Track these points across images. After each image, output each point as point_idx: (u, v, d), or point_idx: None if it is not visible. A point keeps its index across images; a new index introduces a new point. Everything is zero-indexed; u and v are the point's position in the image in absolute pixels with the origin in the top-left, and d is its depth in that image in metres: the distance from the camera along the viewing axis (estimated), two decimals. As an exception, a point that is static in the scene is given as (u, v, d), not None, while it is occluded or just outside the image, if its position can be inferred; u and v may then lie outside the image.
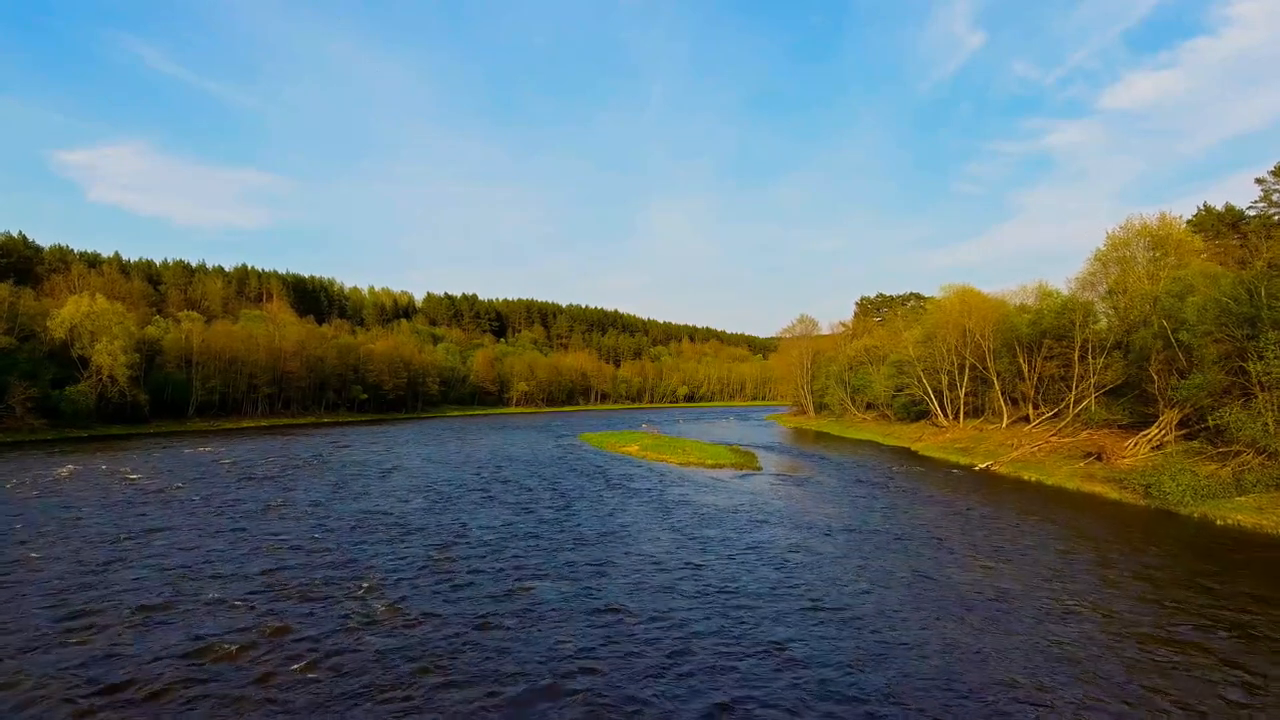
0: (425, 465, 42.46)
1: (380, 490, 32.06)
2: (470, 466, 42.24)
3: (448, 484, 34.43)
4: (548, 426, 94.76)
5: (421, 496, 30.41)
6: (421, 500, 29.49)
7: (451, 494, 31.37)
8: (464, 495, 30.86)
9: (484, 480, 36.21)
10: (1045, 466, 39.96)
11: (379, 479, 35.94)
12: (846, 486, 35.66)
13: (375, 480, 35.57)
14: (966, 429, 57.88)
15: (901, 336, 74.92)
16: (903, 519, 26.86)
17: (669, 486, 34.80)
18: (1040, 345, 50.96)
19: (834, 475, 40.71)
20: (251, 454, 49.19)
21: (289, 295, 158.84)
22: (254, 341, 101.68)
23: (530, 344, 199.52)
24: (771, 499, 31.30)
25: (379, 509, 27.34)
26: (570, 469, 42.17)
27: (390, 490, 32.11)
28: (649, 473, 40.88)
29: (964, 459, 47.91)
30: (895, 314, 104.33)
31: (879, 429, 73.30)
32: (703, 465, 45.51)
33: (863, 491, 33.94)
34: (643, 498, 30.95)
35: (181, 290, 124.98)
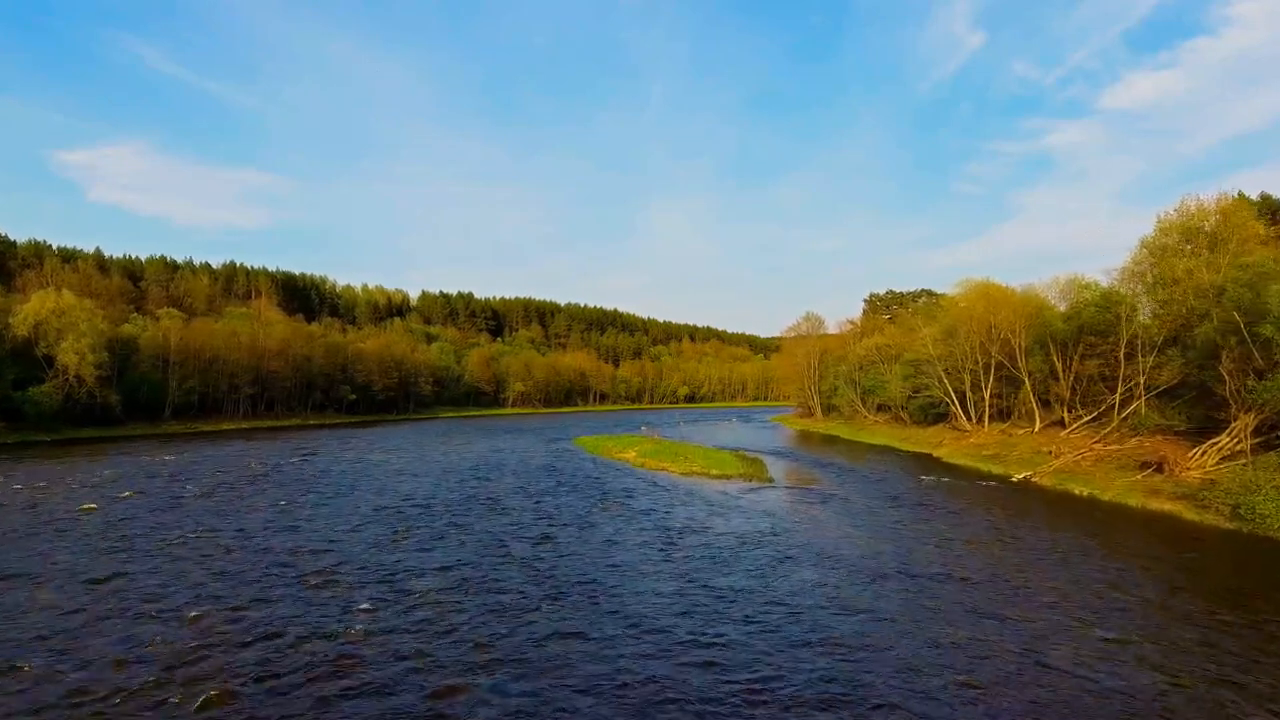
0: (395, 478, 37.73)
1: (327, 514, 26.96)
2: (448, 480, 37.58)
3: (412, 505, 29.39)
4: (543, 429, 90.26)
5: (375, 524, 25.06)
6: (371, 531, 24.24)
7: (412, 520, 26.21)
8: (427, 522, 25.77)
9: (458, 499, 31.25)
10: (1095, 478, 35.41)
11: (333, 498, 31.14)
12: (876, 505, 31.02)
13: (328, 499, 30.49)
14: (992, 433, 53.32)
15: (918, 334, 70.36)
16: (960, 554, 21.91)
17: (671, 505, 30.15)
18: (1078, 342, 46.44)
19: (857, 489, 36.14)
20: (206, 463, 44.64)
21: (278, 293, 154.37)
22: (235, 340, 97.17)
23: (528, 343, 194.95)
24: (792, 523, 26.58)
25: (309, 544, 22.11)
26: (560, 481, 37.55)
27: (339, 514, 27.14)
28: (648, 485, 36.32)
29: (996, 467, 43.34)
30: (907, 311, 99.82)
31: (894, 432, 68.75)
32: (707, 475, 40.98)
33: (897, 512, 29.24)
34: (640, 523, 26.17)
35: (163, 287, 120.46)
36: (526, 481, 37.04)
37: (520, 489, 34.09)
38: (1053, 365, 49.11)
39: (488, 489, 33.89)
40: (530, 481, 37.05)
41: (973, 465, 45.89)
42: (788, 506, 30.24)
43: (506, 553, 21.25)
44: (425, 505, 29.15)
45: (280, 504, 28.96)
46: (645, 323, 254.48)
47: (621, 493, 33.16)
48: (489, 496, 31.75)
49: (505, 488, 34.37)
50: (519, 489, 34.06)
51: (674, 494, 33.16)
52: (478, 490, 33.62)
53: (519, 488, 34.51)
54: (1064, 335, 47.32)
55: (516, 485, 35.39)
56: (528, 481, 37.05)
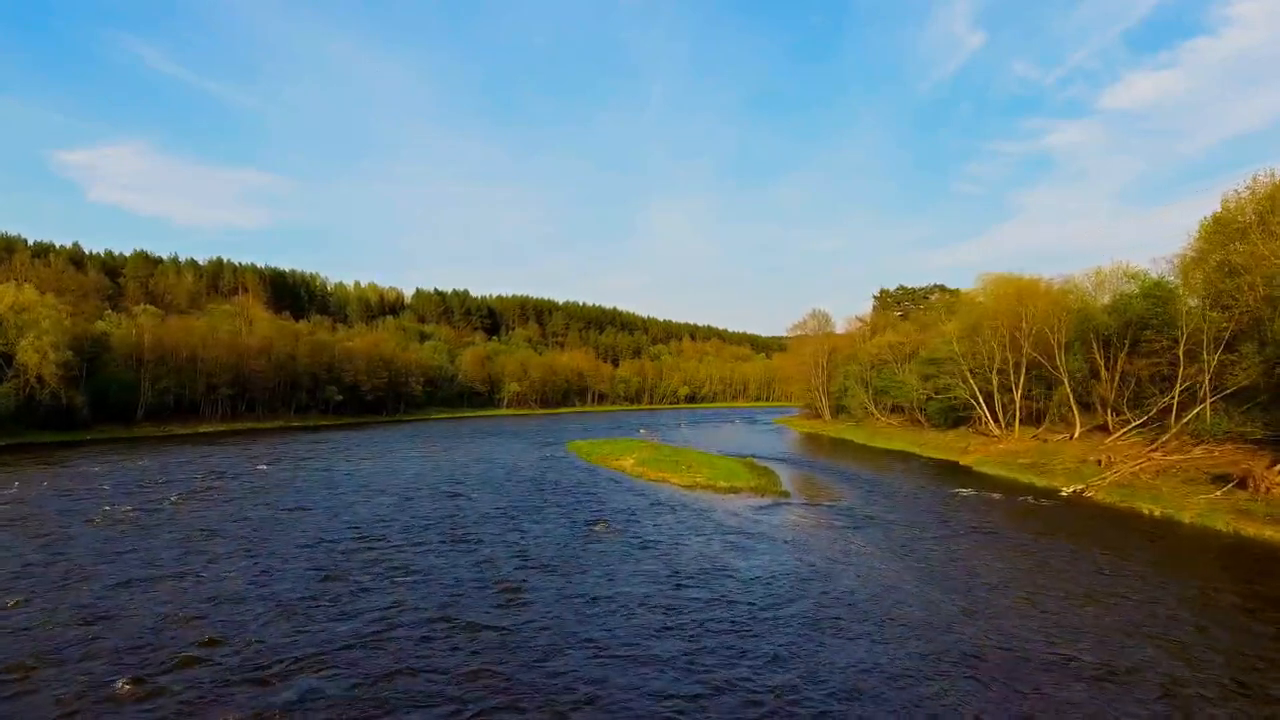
0: (354, 496, 32.67)
1: (246, 552, 21.68)
2: (416, 497, 32.66)
3: (357, 537, 23.88)
4: (537, 431, 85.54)
5: (297, 570, 19.81)
6: (287, 583, 18.43)
7: (349, 561, 20.65)
8: (366, 565, 20.31)
9: (419, 525, 25.88)
10: (1164, 494, 30.68)
11: (268, 525, 26.18)
12: (920, 531, 26.17)
13: (259, 528, 25.40)
14: (1025, 439, 48.59)
15: (937, 331, 65.70)
16: (1059, 615, 16.48)
17: (675, 533, 25.17)
18: (1124, 338, 41.75)
19: (889, 507, 31.40)
20: (151, 473, 39.91)
21: (267, 290, 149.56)
22: (214, 338, 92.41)
23: (524, 342, 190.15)
24: (826, 560, 21.49)
25: (192, 605, 16.66)
26: (548, 497, 32.71)
27: (262, 552, 21.95)
28: (648, 504, 31.54)
29: (1038, 479, 38.62)
30: (920, 307, 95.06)
31: (911, 436, 64.02)
32: (714, 488, 36.25)
33: (950, 543, 24.23)
34: (636, 562, 21.01)
35: (142, 283, 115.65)
36: (507, 499, 32.13)
37: (498, 510, 29.11)
38: (1094, 364, 44.44)
39: (458, 510, 28.93)
40: (511, 499, 32.17)
41: (1010, 476, 41.14)
42: (814, 533, 25.35)
43: (454, 620, 15.70)
44: (375, 537, 23.91)
45: (196, 535, 23.66)
46: (645, 321, 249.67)
47: (617, 514, 28.36)
48: (457, 522, 26.66)
49: (480, 509, 29.37)
50: (496, 510, 29.08)
51: (677, 515, 28.37)
52: (445, 513, 28.54)
53: (496, 508, 29.52)
54: (1108, 330, 42.64)
55: (494, 505, 30.39)
56: (508, 499, 32.14)
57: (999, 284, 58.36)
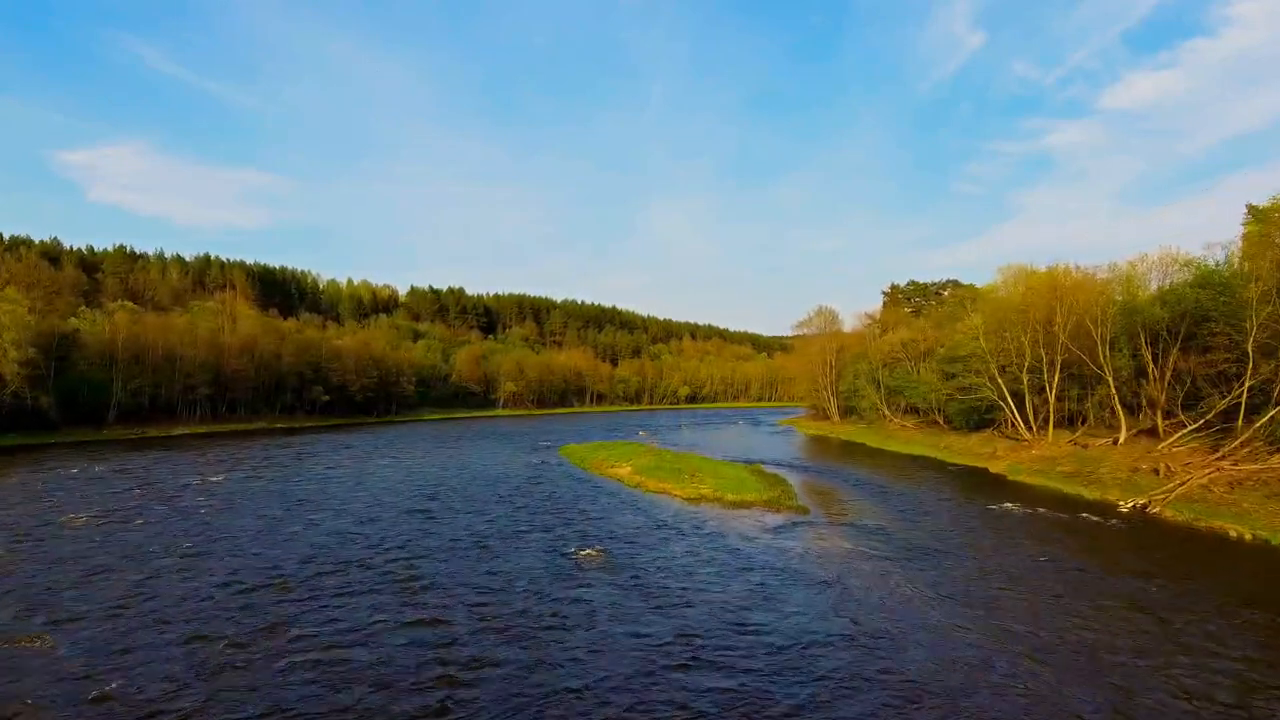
0: (306, 514, 27.83)
1: (135, 589, 17.54)
2: (380, 516, 27.95)
3: (286, 574, 19.35)
4: (531, 433, 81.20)
5: (186, 623, 15.51)
6: (160, 664, 13.48)
7: (251, 618, 15.95)
8: (279, 623, 15.65)
9: (368, 558, 21.10)
10: (1248, 511, 26.38)
11: (174, 557, 21.60)
12: (972, 560, 21.77)
13: (163, 558, 20.88)
14: (1060, 444, 44.25)
15: (955, 327, 61.41)
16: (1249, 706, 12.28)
17: (681, 568, 20.69)
18: (1177, 332, 37.43)
19: (924, 526, 27.07)
20: (73, 482, 35.56)
21: (255, 287, 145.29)
22: (192, 335, 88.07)
23: (521, 341, 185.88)
24: (871, 609, 16.97)
25: (33, 685, 12.41)
26: (531, 516, 28.18)
27: (160, 587, 17.81)
28: (647, 523, 27.18)
29: (1087, 491, 34.30)
30: (932, 303, 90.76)
31: (929, 440, 59.70)
32: (721, 502, 31.92)
33: (1015, 580, 19.76)
34: (631, 616, 16.40)
35: (121, 279, 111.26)
36: (483, 519, 27.61)
37: (468, 535, 24.50)
38: (1140, 361, 40.14)
39: (420, 536, 24.32)
40: (488, 518, 27.67)
41: (1052, 487, 36.79)
42: (849, 568, 20.73)
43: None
44: (307, 580, 18.90)
45: (62, 580, 18.90)
46: (645, 320, 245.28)
47: (610, 539, 23.92)
48: (413, 554, 21.84)
49: (447, 533, 24.81)
50: (466, 536, 24.45)
51: (682, 539, 23.96)
52: (403, 539, 23.81)
53: (468, 532, 24.95)
54: (1158, 323, 38.31)
55: (466, 527, 25.81)
56: (485, 519, 27.62)
57: (1027, 276, 54.07)
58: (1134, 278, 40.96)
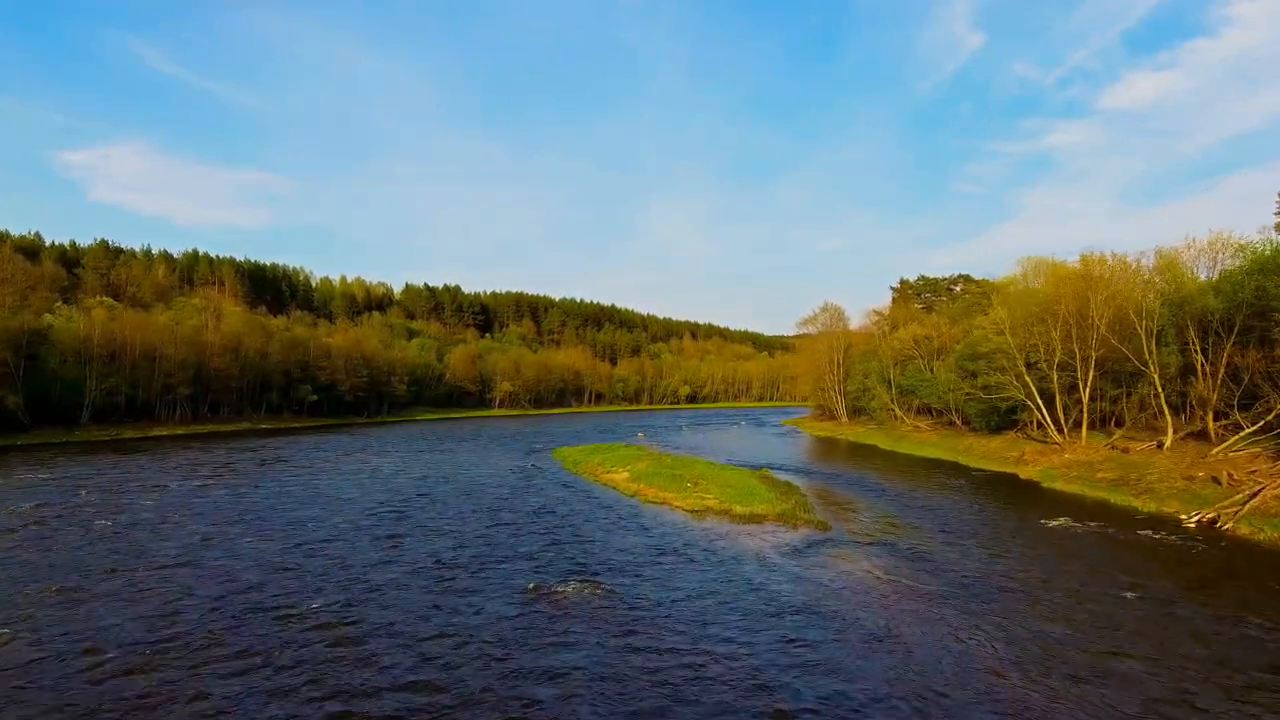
0: (248, 533, 23.80)
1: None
2: (336, 536, 23.69)
3: (184, 627, 14.89)
4: (525, 434, 77.58)
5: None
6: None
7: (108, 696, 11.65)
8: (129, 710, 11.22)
9: (300, 601, 16.59)
10: (1344, 530, 22.73)
11: (56, 595, 17.56)
12: (1045, 595, 17.94)
13: (36, 604, 16.54)
14: (1096, 448, 40.58)
15: (971, 322, 57.76)
16: None
17: (688, 615, 16.71)
18: (1232, 325, 33.79)
19: (968, 547, 23.40)
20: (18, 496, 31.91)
21: (244, 284, 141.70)
22: (171, 332, 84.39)
23: (518, 340, 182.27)
24: (946, 682, 12.80)
25: None
26: (511, 538, 24.10)
27: (8, 648, 14.14)
28: (644, 544, 23.48)
29: (1137, 500, 30.64)
30: (943, 299, 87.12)
31: (947, 442, 56.05)
32: (729, 515, 28.25)
33: (1108, 631, 15.74)
34: (625, 698, 11.92)
35: (102, 275, 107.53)
36: (455, 539, 23.59)
37: (433, 565, 20.19)
38: (1189, 357, 36.49)
39: (375, 567, 19.76)
40: (461, 539, 23.63)
41: (1095, 496, 33.12)
42: (894, 610, 16.67)
43: None
44: (198, 643, 14.00)
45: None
46: (644, 319, 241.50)
47: (602, 569, 19.99)
48: (359, 597, 16.97)
49: (407, 560, 20.58)
50: (430, 566, 20.11)
51: (689, 568, 20.11)
52: (353, 575, 19.00)
53: (432, 560, 20.69)
54: (1210, 315, 34.67)
55: (430, 552, 21.55)
56: (457, 539, 23.60)
57: (1052, 267, 50.43)
58: (1179, 265, 37.26)
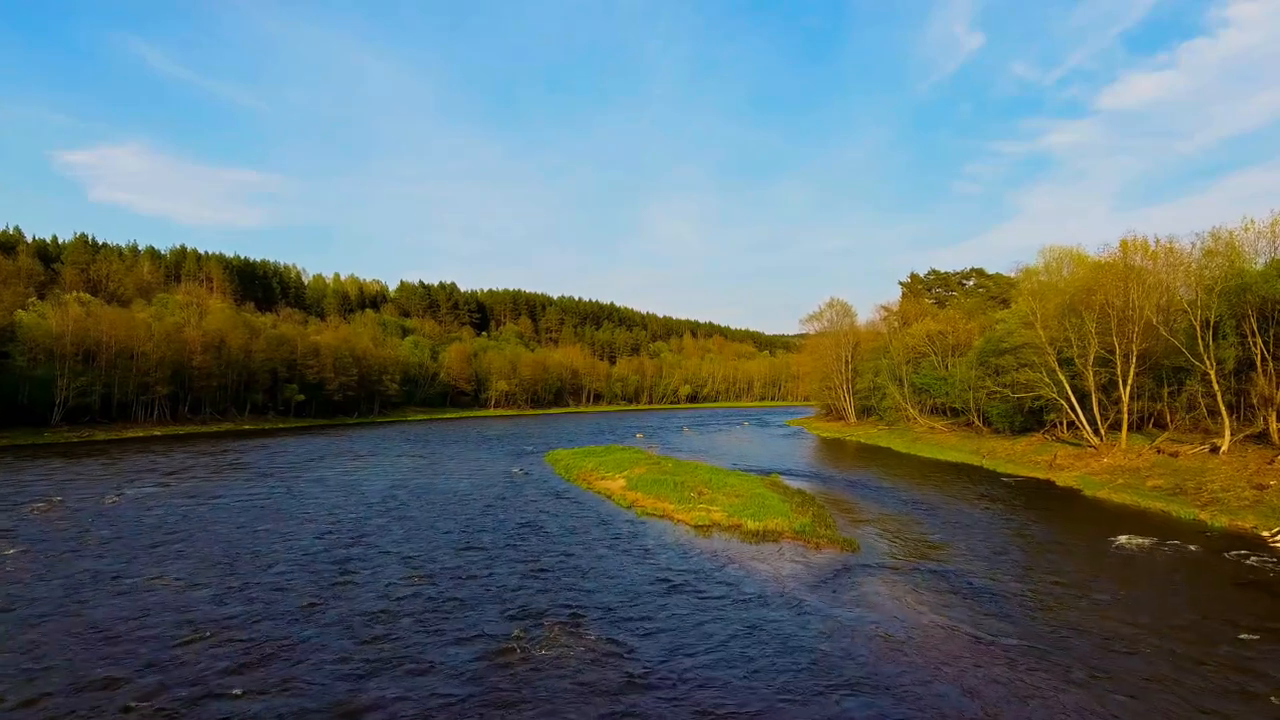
0: (164, 557, 20.55)
1: None
2: (269, 567, 19.35)
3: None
4: (518, 435, 73.91)
5: None
6: None
7: None
8: None
9: (189, 670, 12.45)
10: None
11: None
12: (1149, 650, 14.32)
13: None
14: (1140, 451, 36.88)
15: (997, 316, 54.16)
16: None
17: (702, 671, 13.01)
18: (1301, 315, 30.13)
19: (1025, 574, 19.75)
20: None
21: (233, 281, 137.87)
22: (148, 330, 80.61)
23: (515, 338, 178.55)
24: None
25: None
26: (483, 569, 20.03)
27: None
28: (640, 568, 19.78)
29: (1205, 514, 26.94)
30: (957, 293, 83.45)
31: (966, 444, 52.36)
32: (740, 531, 24.58)
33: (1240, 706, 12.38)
34: None
35: (82, 270, 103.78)
36: (415, 574, 19.21)
37: (379, 610, 15.90)
38: (1248, 350, 32.80)
39: (305, 614, 15.67)
40: (425, 568, 19.70)
41: (1151, 507, 29.41)
42: (965, 670, 12.94)
43: None
44: None
45: None
46: (644, 317, 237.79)
47: (590, 610, 16.14)
48: (267, 656, 13.25)
49: (348, 608, 16.03)
50: (374, 611, 15.86)
51: (698, 606, 16.33)
52: (267, 630, 14.64)
53: (382, 602, 16.42)
54: (1269, 303, 31.01)
55: (382, 592, 17.18)
56: (418, 573, 19.25)
57: (1074, 258, 46.79)
58: (1236, 248, 33.59)
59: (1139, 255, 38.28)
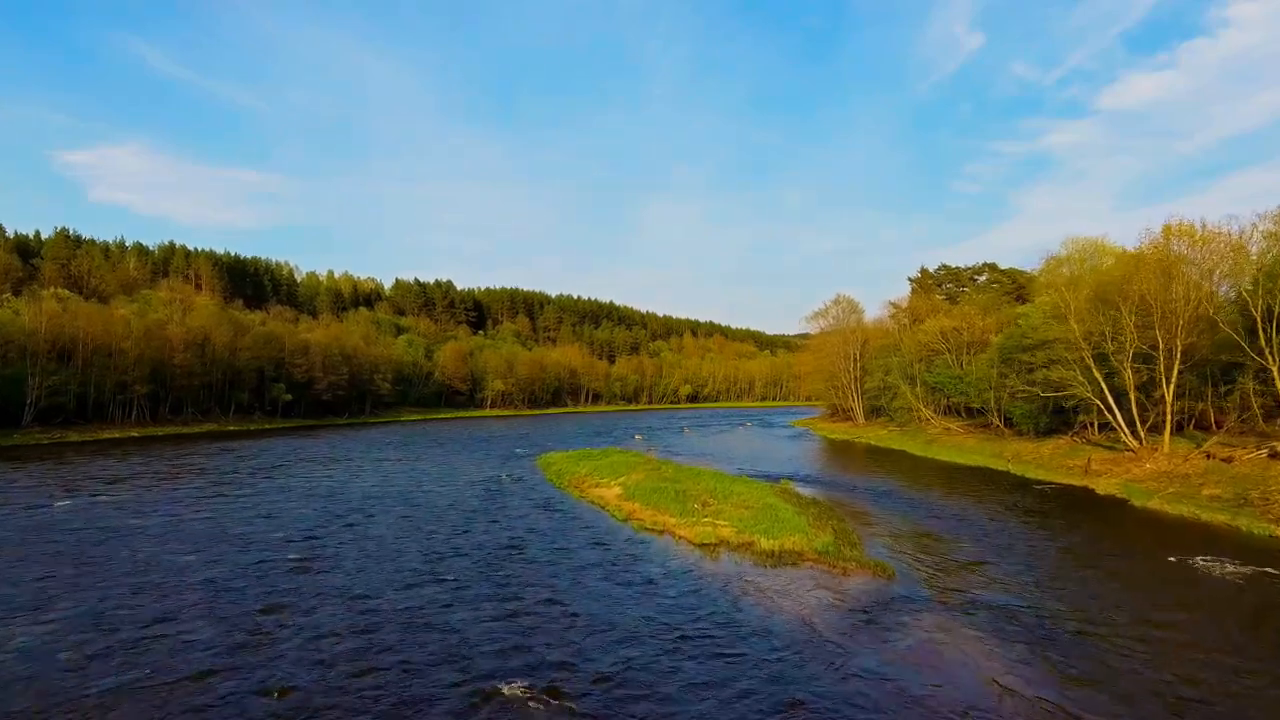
0: (43, 599, 17.15)
1: None
2: (156, 629, 14.43)
3: None
4: (513, 437, 70.66)
5: None
6: None
7: None
8: None
9: None
10: None
11: None
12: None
13: None
14: (1185, 455, 33.60)
15: (1018, 310, 50.89)
16: None
17: None
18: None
19: (1098, 608, 16.51)
20: None
21: (223, 278, 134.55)
22: (127, 327, 77.33)
23: (512, 337, 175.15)
24: None
25: None
26: (444, 607, 16.45)
27: None
28: (638, 607, 16.47)
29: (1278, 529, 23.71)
30: (969, 289, 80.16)
31: (986, 446, 49.10)
32: (752, 551, 21.31)
33: None
34: None
35: (62, 266, 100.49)
36: (361, 618, 15.70)
37: (299, 665, 12.95)
38: (1313, 345, 29.51)
39: (217, 665, 12.56)
40: (370, 610, 16.16)
41: (1213, 520, 26.12)
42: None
43: None
44: None
45: None
46: (644, 316, 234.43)
47: (574, 668, 12.80)
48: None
49: (266, 670, 12.45)
50: (292, 668, 12.87)
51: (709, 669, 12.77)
52: (150, 698, 11.18)
53: (304, 665, 12.94)
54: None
55: (308, 650, 13.38)
56: (365, 617, 15.73)
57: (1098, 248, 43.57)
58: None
59: (1184, 241, 34.99)
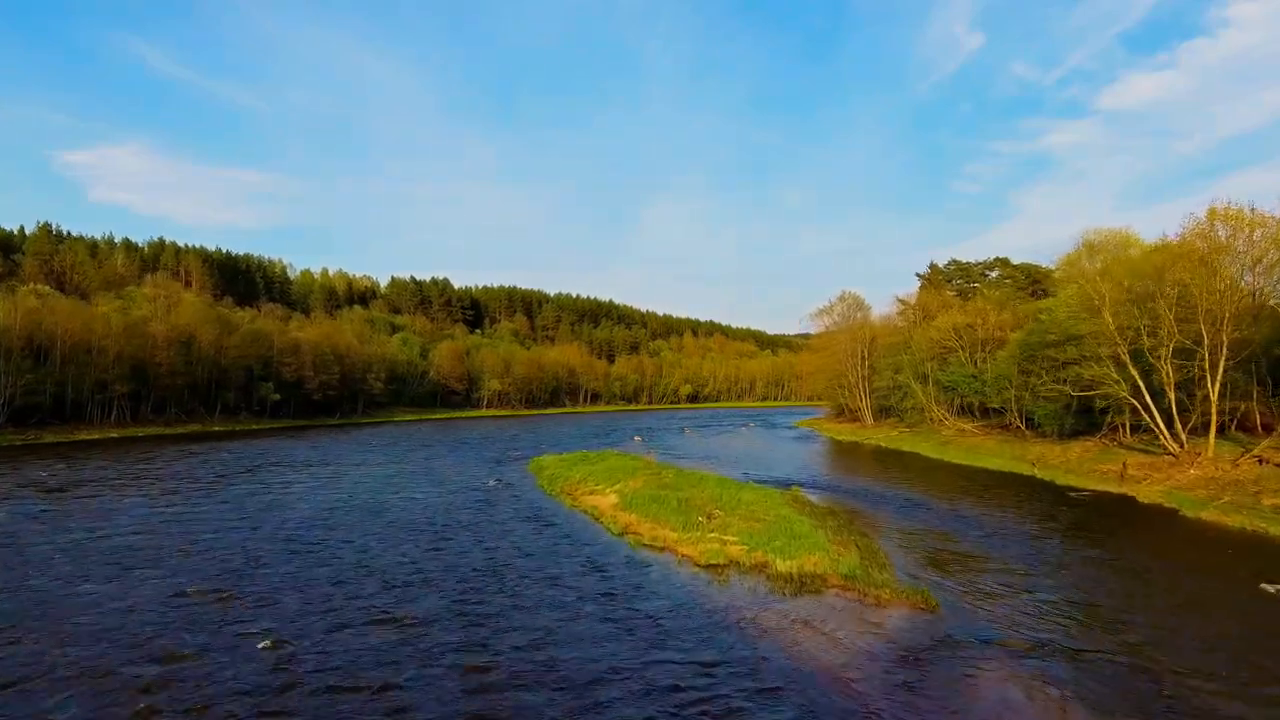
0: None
1: None
2: (48, 676, 13.37)
3: None
4: (507, 438, 67.79)
5: None
6: None
7: None
8: None
9: None
10: None
11: None
12: None
13: None
14: (1240, 461, 30.76)
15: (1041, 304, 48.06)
16: None
17: None
18: None
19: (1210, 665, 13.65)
20: None
21: (213, 275, 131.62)
22: (107, 324, 74.50)
23: (510, 336, 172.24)
24: None
25: None
26: (406, 656, 13.57)
27: None
28: (636, 654, 13.63)
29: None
30: (980, 284, 77.28)
31: (1007, 449, 46.24)
32: (766, 573, 18.47)
33: None
34: None
35: (44, 261, 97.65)
36: (288, 666, 12.86)
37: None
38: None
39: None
40: (299, 666, 13.30)
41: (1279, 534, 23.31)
42: None
43: None
44: None
45: None
46: (643, 315, 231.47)
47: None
48: None
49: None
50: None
51: None
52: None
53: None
54: None
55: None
56: (297, 664, 13.01)
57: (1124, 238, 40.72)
58: None
59: (1229, 226, 32.13)
